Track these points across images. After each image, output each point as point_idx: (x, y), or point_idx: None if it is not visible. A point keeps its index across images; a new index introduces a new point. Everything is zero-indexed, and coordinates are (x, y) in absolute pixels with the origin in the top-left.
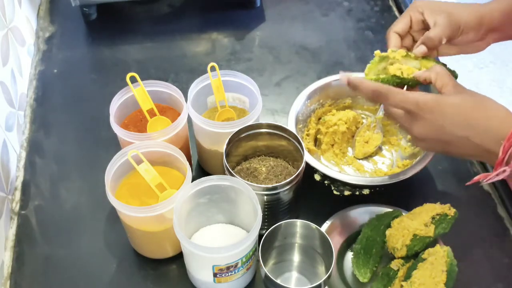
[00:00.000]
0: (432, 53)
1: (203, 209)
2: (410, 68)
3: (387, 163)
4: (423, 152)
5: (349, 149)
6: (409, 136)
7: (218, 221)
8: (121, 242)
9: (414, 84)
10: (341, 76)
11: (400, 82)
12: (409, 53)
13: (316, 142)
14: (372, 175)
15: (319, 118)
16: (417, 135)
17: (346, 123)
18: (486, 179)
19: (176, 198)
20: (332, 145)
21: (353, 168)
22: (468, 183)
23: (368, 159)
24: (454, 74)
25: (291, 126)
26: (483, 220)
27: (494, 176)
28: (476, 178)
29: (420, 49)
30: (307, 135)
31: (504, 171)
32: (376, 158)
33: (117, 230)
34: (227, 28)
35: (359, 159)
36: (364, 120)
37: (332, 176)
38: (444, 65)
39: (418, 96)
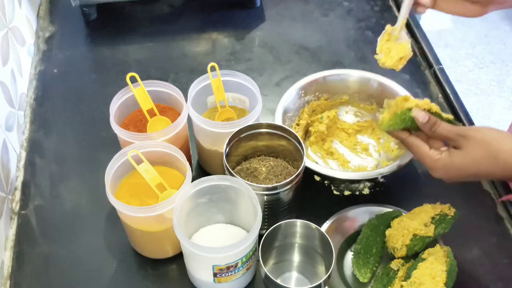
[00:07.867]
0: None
1: (203, 209)
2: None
3: (373, 163)
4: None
5: (336, 146)
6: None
7: (218, 221)
8: (121, 242)
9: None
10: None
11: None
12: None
13: (307, 133)
14: (354, 171)
15: (313, 111)
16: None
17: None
18: None
19: (176, 198)
20: (322, 139)
21: (338, 162)
22: (501, 199)
23: (356, 153)
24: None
25: (278, 113)
26: (483, 220)
27: None
28: (505, 197)
29: None
30: (297, 124)
31: None
32: (363, 155)
33: (117, 230)
34: (227, 28)
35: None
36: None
37: (330, 174)
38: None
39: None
